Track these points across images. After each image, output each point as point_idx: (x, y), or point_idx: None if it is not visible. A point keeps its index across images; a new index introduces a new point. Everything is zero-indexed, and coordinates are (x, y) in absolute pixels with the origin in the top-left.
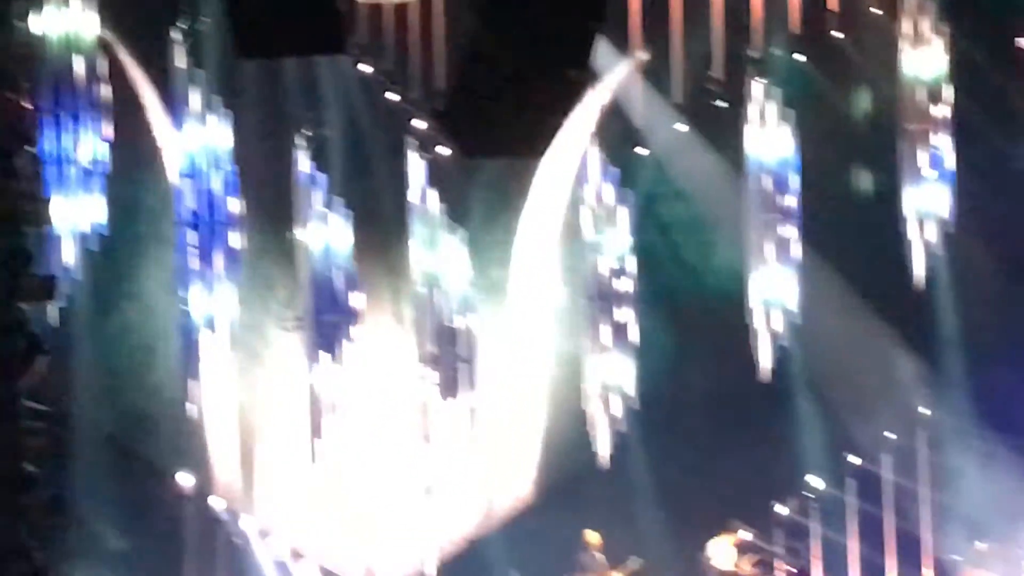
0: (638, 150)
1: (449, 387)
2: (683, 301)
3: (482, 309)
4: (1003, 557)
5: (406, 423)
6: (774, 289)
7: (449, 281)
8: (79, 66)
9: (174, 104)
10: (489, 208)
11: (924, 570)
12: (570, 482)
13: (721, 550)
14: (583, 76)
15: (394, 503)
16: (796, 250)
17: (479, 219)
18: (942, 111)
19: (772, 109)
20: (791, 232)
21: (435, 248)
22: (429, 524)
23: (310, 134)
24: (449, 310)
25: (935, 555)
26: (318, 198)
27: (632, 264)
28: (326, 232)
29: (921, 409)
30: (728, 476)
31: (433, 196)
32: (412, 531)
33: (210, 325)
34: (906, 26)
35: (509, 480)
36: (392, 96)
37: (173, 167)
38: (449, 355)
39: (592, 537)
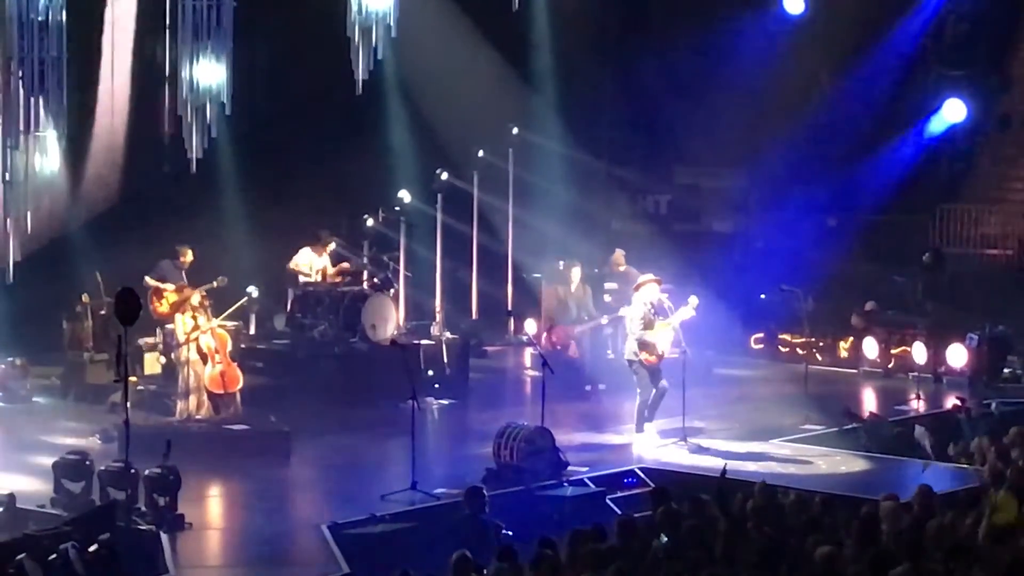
0: None
1: (35, 85)
2: (283, 7)
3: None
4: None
5: None
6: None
7: None
8: None
9: None
10: None
11: (508, 285)
12: (158, 188)
13: (308, 258)
14: None
15: None
16: None
17: None
18: None
19: None
20: None
21: None
22: (8, 216)
23: None
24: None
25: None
26: None
27: None
28: None
29: (513, 128)
30: (320, 187)
31: None
32: None
33: None
34: None
35: (97, 180)
36: None
37: None
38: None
39: (186, 254)
